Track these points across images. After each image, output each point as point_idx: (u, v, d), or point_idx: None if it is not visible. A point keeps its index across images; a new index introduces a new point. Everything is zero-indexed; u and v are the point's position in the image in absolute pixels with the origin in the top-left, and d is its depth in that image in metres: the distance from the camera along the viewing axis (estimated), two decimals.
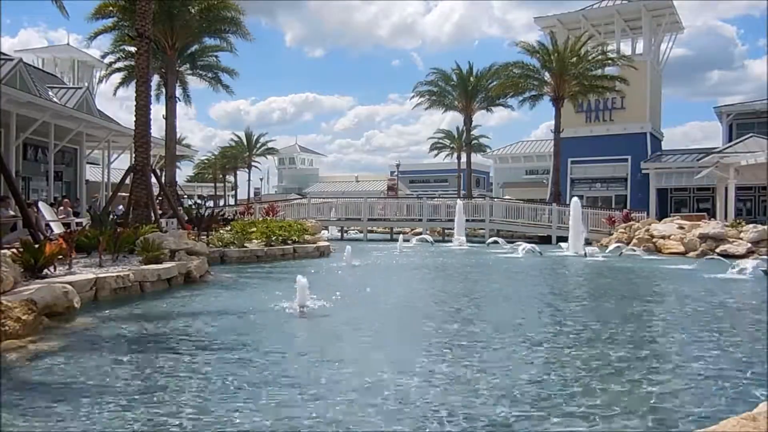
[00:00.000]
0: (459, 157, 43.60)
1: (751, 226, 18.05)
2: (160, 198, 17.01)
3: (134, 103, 14.41)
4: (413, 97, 38.40)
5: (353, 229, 31.11)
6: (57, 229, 13.06)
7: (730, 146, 30.84)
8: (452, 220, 25.63)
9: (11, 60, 20.30)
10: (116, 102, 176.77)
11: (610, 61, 30.34)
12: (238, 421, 3.40)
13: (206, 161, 64.12)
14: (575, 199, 20.37)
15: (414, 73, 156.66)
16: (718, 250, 16.60)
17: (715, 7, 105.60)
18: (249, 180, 61.18)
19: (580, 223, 19.23)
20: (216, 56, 26.55)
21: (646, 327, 6.49)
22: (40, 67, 34.58)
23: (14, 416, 3.39)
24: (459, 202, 25.71)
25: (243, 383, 4.11)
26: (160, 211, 15.59)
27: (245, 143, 60.06)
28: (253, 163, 61.23)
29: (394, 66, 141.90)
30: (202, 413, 3.51)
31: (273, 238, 15.21)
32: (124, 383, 4.10)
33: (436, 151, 50.63)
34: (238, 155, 60.56)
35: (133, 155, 15.44)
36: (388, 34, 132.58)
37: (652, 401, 3.76)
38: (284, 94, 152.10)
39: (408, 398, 3.82)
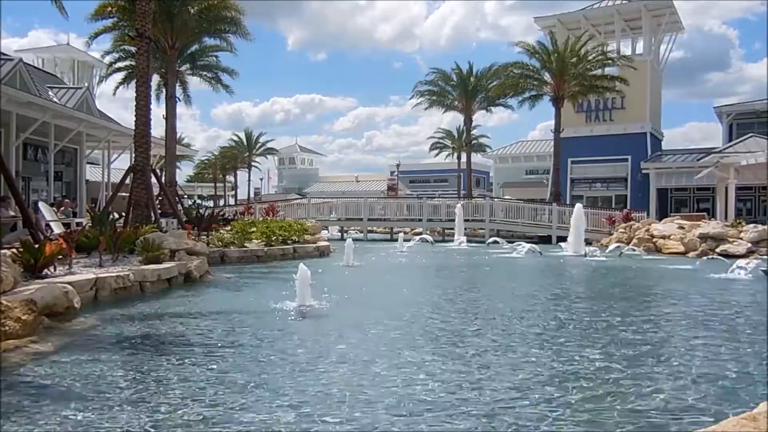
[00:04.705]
0: (459, 157, 43.58)
1: (751, 226, 18.05)
2: (160, 198, 17.00)
3: (134, 103, 14.41)
4: (413, 96, 38.41)
5: (353, 229, 31.10)
6: (57, 229, 13.06)
7: (730, 146, 30.82)
8: (452, 220, 25.62)
9: (11, 60, 20.27)
10: (117, 102, 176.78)
11: (610, 61, 30.32)
12: (236, 421, 3.40)
13: (206, 161, 64.09)
14: (578, 205, 20.36)
15: (416, 75, 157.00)
16: (718, 250, 16.61)
17: (714, 10, 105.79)
18: (249, 180, 61.27)
19: (582, 226, 19.31)
20: (216, 56, 26.56)
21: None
22: (40, 67, 34.54)
23: (14, 416, 3.39)
24: (458, 207, 25.49)
25: (243, 384, 4.11)
26: (159, 211, 15.58)
27: (245, 143, 60.08)
28: (253, 163, 61.24)
29: (395, 68, 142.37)
30: (200, 414, 3.51)
31: (273, 238, 15.20)
32: (124, 384, 4.10)
33: (436, 151, 50.67)
34: (238, 155, 60.57)
35: (133, 155, 15.43)
36: (388, 38, 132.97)
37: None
38: (287, 96, 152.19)
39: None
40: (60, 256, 8.08)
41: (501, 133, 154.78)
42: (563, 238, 21.26)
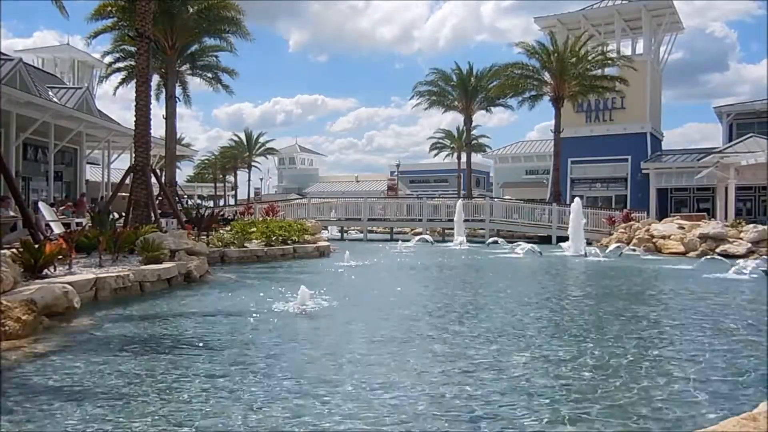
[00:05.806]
0: (459, 157, 43.58)
1: (751, 226, 18.05)
2: (160, 198, 17.01)
3: (134, 103, 14.42)
4: (413, 97, 38.41)
5: (353, 229, 31.11)
6: (57, 229, 13.06)
7: (730, 146, 30.82)
8: (452, 220, 25.62)
9: (11, 60, 20.30)
10: (117, 102, 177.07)
11: (609, 62, 30.35)
12: (238, 422, 3.41)
13: (206, 161, 64.13)
14: (577, 199, 20.30)
15: (416, 76, 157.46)
16: (718, 250, 16.60)
17: (713, 12, 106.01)
18: (249, 180, 61.28)
19: (581, 223, 19.18)
20: (216, 56, 26.59)
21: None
22: (40, 67, 34.56)
23: (14, 417, 3.39)
24: (459, 202, 25.65)
25: (243, 384, 4.11)
26: (159, 211, 15.57)
27: (245, 143, 60.09)
28: (253, 163, 61.27)
29: (395, 70, 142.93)
30: (199, 414, 3.51)
31: (273, 238, 15.21)
32: (124, 384, 4.10)
33: (436, 151, 50.69)
34: (238, 155, 60.59)
35: (133, 155, 15.44)
36: (388, 40, 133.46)
37: None
38: (288, 97, 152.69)
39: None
40: (60, 256, 8.08)
41: (501, 133, 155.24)
42: (563, 238, 21.25)
